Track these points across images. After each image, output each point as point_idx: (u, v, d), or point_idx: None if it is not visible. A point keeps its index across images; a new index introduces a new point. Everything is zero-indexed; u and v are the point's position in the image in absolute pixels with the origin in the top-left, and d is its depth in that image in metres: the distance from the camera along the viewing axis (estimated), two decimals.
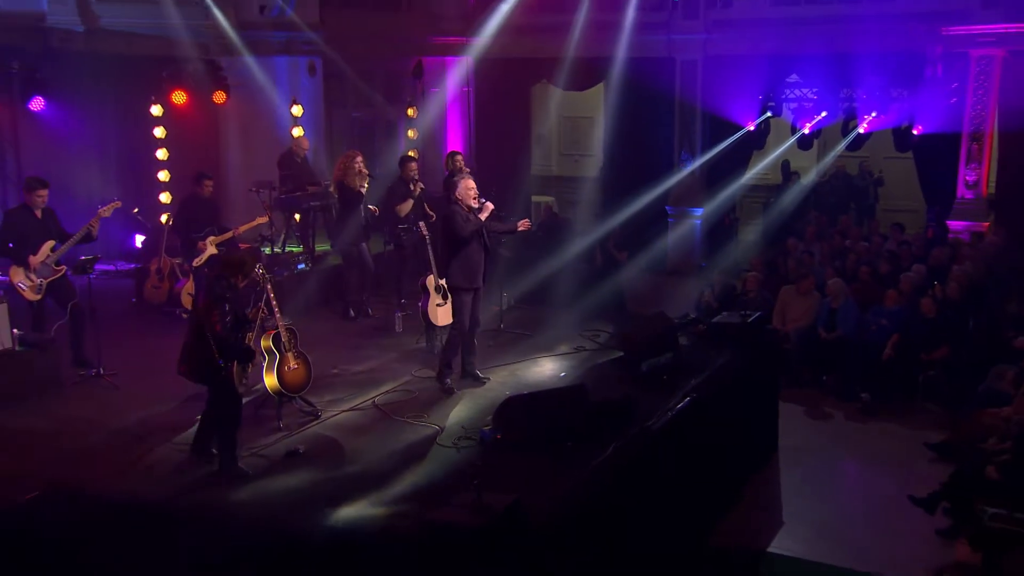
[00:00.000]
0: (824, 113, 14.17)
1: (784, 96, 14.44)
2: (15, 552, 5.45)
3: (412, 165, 10.45)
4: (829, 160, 15.84)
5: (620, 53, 14.42)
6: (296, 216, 12.30)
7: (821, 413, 9.85)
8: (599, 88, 15.74)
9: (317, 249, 11.94)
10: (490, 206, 7.99)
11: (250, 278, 6.69)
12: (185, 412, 7.13)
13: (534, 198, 16.93)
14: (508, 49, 14.98)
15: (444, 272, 8.18)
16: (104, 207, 8.76)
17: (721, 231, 15.19)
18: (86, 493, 5.86)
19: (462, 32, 15.60)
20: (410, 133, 15.40)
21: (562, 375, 8.31)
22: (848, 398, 9.98)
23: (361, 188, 10.22)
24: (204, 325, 6.21)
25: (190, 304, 8.37)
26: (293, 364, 7.10)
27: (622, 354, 8.41)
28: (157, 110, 12.76)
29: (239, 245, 10.70)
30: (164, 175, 12.99)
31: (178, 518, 5.69)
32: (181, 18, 13.15)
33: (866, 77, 13.39)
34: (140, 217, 12.07)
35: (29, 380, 7.81)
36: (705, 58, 14.56)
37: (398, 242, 10.42)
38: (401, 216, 10.23)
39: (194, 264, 10.06)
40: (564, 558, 5.36)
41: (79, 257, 8.62)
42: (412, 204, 10.21)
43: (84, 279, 8.51)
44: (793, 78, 14.29)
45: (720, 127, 14.66)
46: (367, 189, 10.33)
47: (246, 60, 13.96)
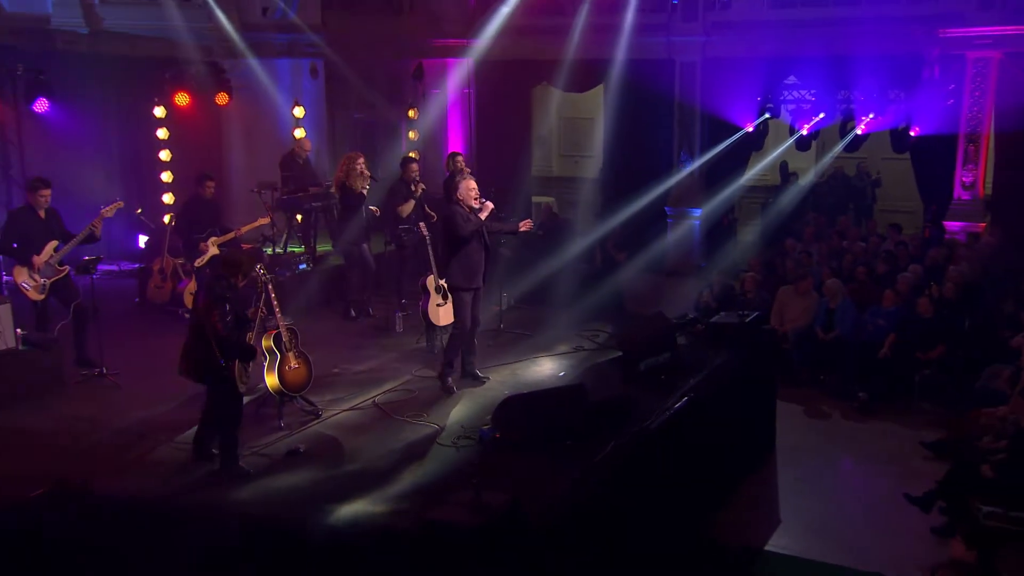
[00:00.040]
0: (822, 114, 14.18)
1: (782, 97, 14.44)
2: (20, 549, 5.47)
3: (413, 166, 10.51)
4: (827, 161, 15.89)
5: (620, 55, 14.44)
6: (298, 217, 12.35)
7: (818, 412, 9.90)
8: (599, 90, 15.76)
9: (318, 249, 11.99)
10: (490, 205, 8.04)
11: (250, 278, 6.74)
12: (187, 411, 7.17)
13: (534, 199, 16.92)
14: (508, 51, 15.02)
15: (444, 272, 8.22)
16: (107, 207, 8.77)
17: (720, 232, 15.19)
18: (91, 491, 5.89)
19: (463, 34, 15.63)
20: (411, 134, 15.49)
21: (561, 375, 8.36)
22: (845, 397, 10.02)
23: (363, 190, 10.28)
24: (204, 325, 6.26)
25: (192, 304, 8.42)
26: (294, 364, 7.15)
27: (621, 354, 8.41)
28: (160, 111, 12.83)
29: (241, 245, 10.73)
30: (167, 176, 13.06)
31: (179, 517, 5.73)
32: (184, 20, 13.20)
33: (864, 79, 13.40)
34: (143, 217, 12.10)
35: (32, 379, 7.86)
36: (704, 60, 14.58)
37: (399, 242, 10.46)
38: (402, 217, 10.29)
39: (196, 264, 10.12)
40: (563, 557, 5.38)
41: (82, 257, 8.68)
42: (413, 205, 10.27)
43: (87, 279, 8.57)
44: (791, 80, 14.28)
45: (719, 128, 14.67)
46: (368, 190, 10.40)
47: (249, 62, 14.02)
